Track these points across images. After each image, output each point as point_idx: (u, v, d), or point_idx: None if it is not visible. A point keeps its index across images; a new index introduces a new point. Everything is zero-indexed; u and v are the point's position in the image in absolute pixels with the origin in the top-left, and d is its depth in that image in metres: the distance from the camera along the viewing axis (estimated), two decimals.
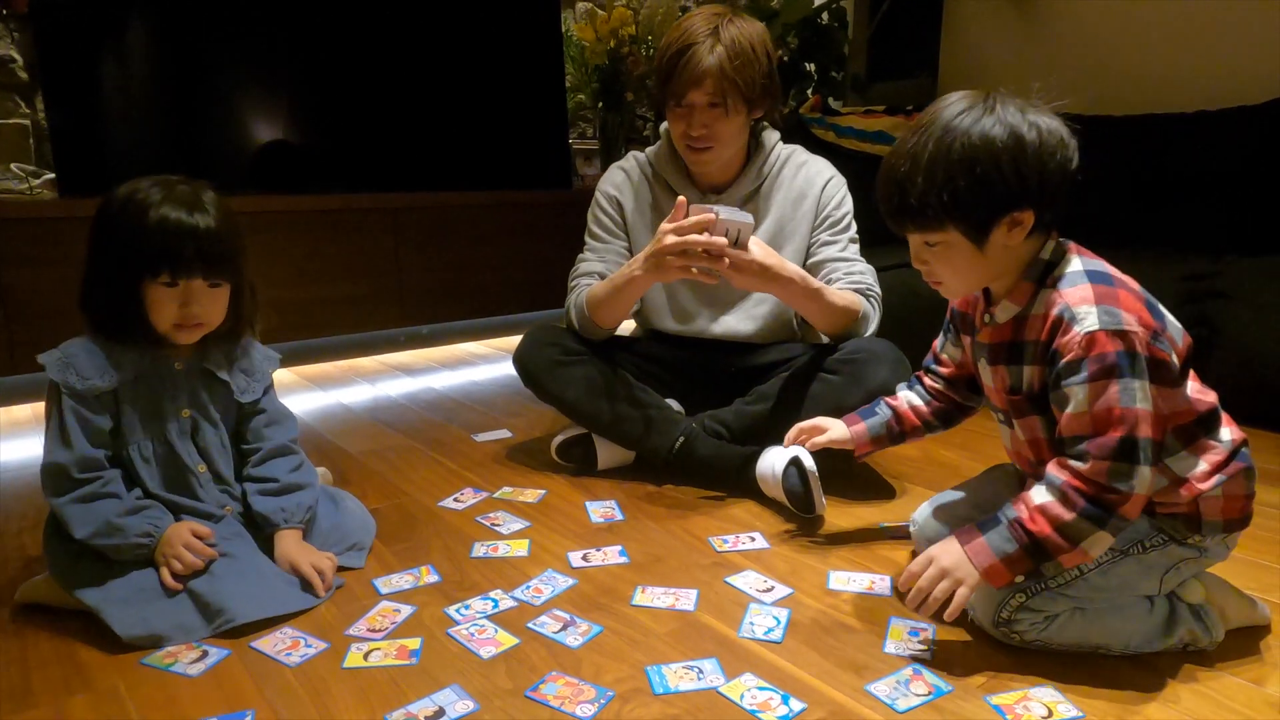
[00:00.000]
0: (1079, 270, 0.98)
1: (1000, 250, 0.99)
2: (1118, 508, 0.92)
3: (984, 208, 0.95)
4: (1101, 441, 0.92)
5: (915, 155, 0.96)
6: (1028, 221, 0.96)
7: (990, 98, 0.96)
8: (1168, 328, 0.98)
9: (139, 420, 1.19)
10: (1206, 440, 1.01)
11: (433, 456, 1.84)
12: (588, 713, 0.94)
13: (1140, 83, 2.77)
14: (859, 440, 1.31)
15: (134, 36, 2.57)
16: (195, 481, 1.23)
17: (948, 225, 0.97)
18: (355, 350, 2.92)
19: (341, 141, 2.94)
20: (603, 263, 1.72)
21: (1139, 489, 0.92)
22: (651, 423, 1.62)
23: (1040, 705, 0.94)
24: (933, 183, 0.95)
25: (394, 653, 1.07)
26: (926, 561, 1.00)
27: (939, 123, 0.96)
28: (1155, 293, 1.01)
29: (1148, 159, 2.52)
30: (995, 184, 0.93)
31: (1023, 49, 3.14)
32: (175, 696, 0.99)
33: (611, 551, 1.35)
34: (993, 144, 0.93)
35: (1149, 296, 0.99)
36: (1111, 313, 0.92)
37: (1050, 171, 0.94)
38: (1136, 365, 0.91)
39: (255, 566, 1.19)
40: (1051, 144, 0.94)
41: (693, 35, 1.55)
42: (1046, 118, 0.95)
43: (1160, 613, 1.04)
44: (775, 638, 1.09)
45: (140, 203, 1.12)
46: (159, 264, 1.12)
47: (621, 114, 3.40)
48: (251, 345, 1.32)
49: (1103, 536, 0.94)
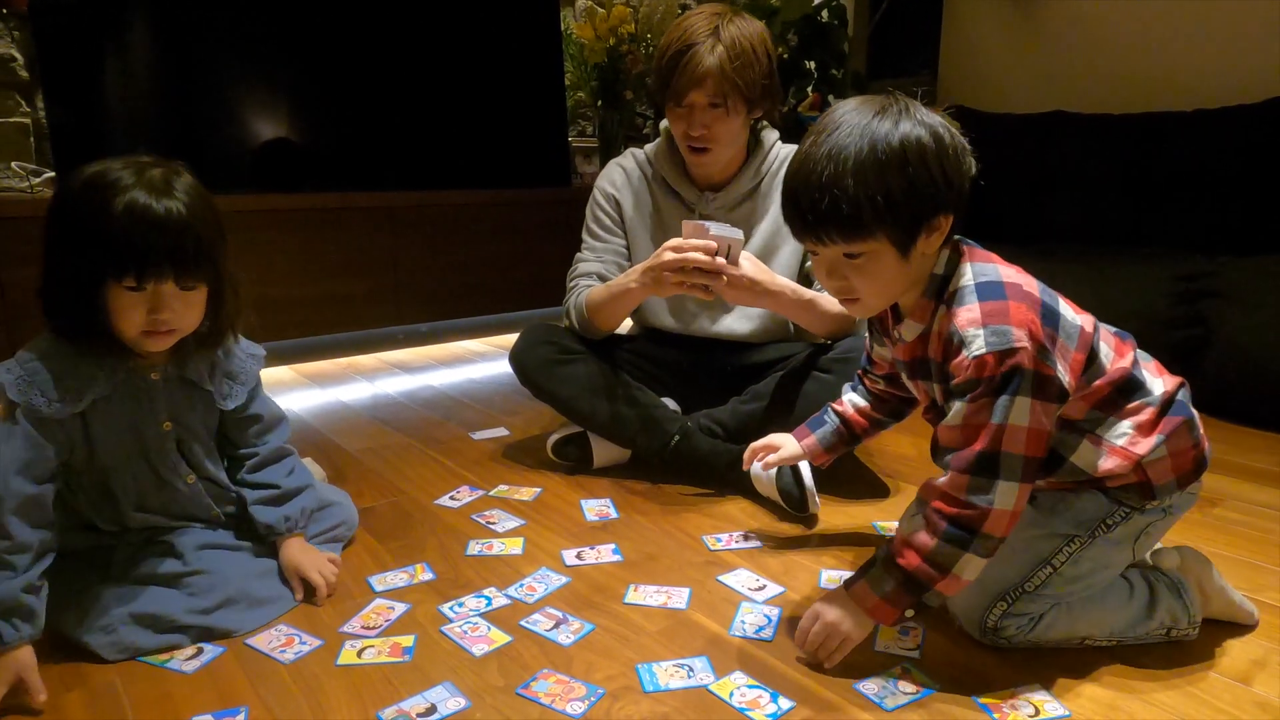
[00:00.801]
0: (970, 286, 0.95)
1: (919, 259, 0.96)
2: (978, 525, 0.91)
3: (914, 210, 0.92)
4: (962, 454, 0.92)
5: (838, 157, 0.91)
6: (945, 227, 0.95)
7: (898, 100, 0.94)
8: (1062, 329, 0.96)
9: (115, 440, 1.10)
10: (1131, 403, 1.00)
11: (430, 454, 1.85)
12: (578, 710, 0.95)
13: (1138, 81, 2.77)
14: (812, 453, 1.31)
15: (134, 35, 2.57)
16: (181, 496, 1.17)
17: (877, 231, 0.93)
18: (353, 348, 2.92)
19: (340, 140, 2.94)
20: (600, 263, 1.72)
21: (999, 504, 0.91)
22: (647, 421, 1.63)
23: (1028, 704, 0.95)
24: (864, 184, 0.90)
25: (387, 650, 1.08)
26: (813, 618, 1.01)
27: (851, 125, 0.91)
28: (1149, 292, 1.02)
29: (1145, 157, 2.52)
30: (926, 184, 0.91)
31: (1022, 46, 3.14)
32: (170, 693, 1.00)
33: (605, 550, 1.35)
34: (919, 144, 0.90)
35: (1045, 294, 0.97)
36: (999, 332, 0.90)
37: (964, 173, 0.94)
38: (1018, 382, 0.90)
39: (241, 580, 1.16)
40: (962, 146, 0.94)
41: (693, 35, 1.55)
42: (949, 122, 0.94)
43: (1140, 596, 1.05)
44: (766, 636, 1.10)
45: (103, 192, 0.98)
46: (123, 265, 0.98)
47: (621, 112, 3.40)
48: (233, 345, 1.21)
49: (971, 559, 0.93)
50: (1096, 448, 1.01)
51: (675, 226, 1.70)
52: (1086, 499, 1.03)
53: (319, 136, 2.91)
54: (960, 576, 0.94)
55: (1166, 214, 2.43)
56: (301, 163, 2.86)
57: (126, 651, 1.05)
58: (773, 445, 1.34)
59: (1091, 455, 1.01)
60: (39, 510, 1.01)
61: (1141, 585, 1.06)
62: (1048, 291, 0.98)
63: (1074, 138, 2.70)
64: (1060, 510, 1.04)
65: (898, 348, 1.08)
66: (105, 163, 1.02)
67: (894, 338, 1.08)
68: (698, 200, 1.70)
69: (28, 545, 0.99)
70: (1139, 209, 2.50)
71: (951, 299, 0.96)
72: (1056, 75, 3.02)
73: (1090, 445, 1.01)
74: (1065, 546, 1.02)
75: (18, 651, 0.96)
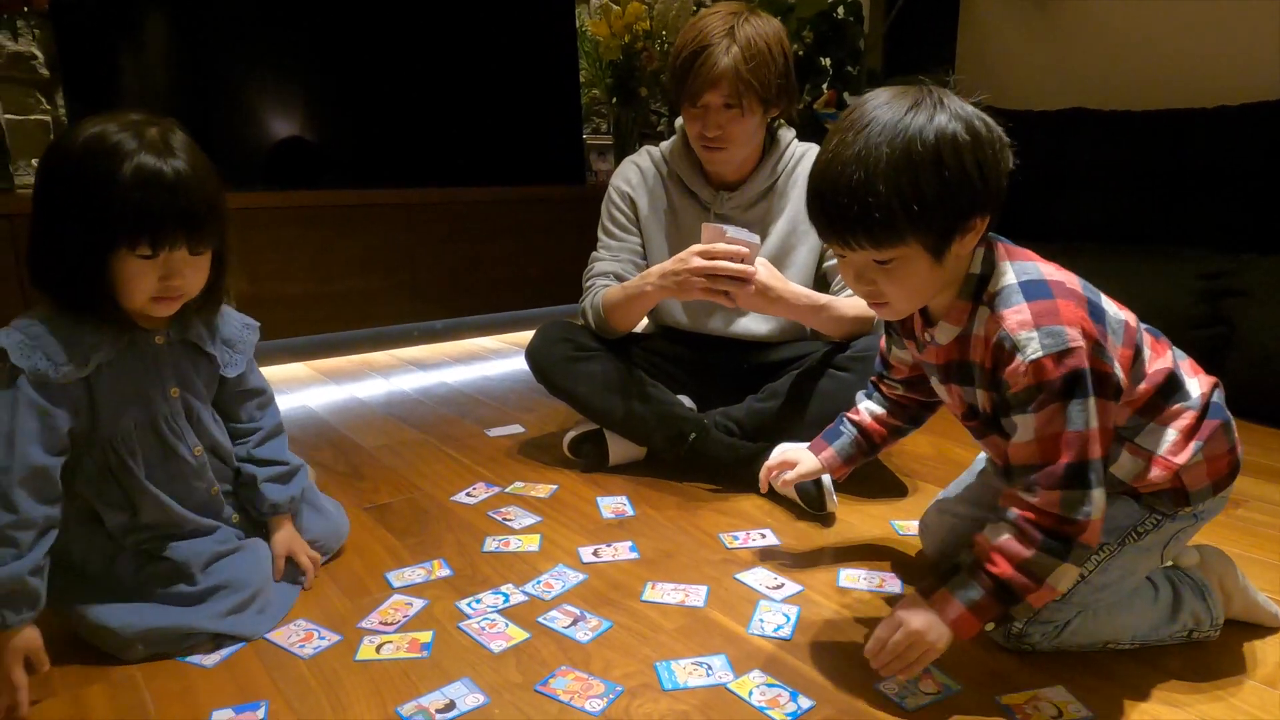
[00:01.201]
0: (1013, 285, 0.90)
1: (954, 262, 0.91)
2: (1077, 537, 0.88)
3: (950, 213, 0.86)
4: (1050, 471, 0.88)
5: (868, 159, 0.85)
6: (982, 227, 0.89)
7: (931, 90, 0.87)
8: (1108, 325, 0.92)
9: (122, 407, 1.04)
10: (1172, 406, 0.97)
11: (445, 451, 1.85)
12: (597, 708, 0.95)
13: (1159, 77, 2.74)
14: (831, 466, 1.26)
15: (153, 33, 2.59)
16: (188, 468, 1.11)
17: (909, 237, 0.87)
18: (368, 344, 2.93)
19: (356, 137, 2.95)
20: (617, 262, 1.72)
21: (1095, 514, 0.88)
22: (663, 419, 1.62)
23: (1050, 705, 0.94)
24: (897, 189, 0.84)
25: (405, 646, 1.08)
26: (895, 626, 0.93)
27: (883, 121, 0.85)
28: (1172, 291, 1.00)
29: (1166, 154, 2.49)
30: (963, 185, 0.85)
31: (1040, 43, 3.11)
32: (190, 686, 1.00)
33: (622, 547, 1.35)
34: (954, 140, 0.84)
35: (1088, 290, 0.93)
36: (1054, 333, 0.86)
37: (1003, 170, 0.88)
38: (1082, 384, 0.86)
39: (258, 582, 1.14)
40: (1000, 139, 0.88)
41: (708, 36, 1.54)
42: (984, 114, 0.88)
43: (1165, 598, 1.04)
44: (785, 635, 1.09)
45: (107, 157, 0.93)
46: (137, 234, 0.95)
47: (635, 109, 3.40)
48: (229, 313, 1.18)
49: (1067, 569, 0.89)
50: (1136, 458, 0.98)
51: (690, 225, 1.69)
52: (1118, 506, 0.99)
53: (337, 134, 2.92)
54: (1055, 587, 0.89)
55: (1188, 211, 2.41)
56: (318, 160, 2.87)
57: (143, 658, 1.05)
58: (789, 461, 1.28)
59: (1131, 465, 0.98)
60: (47, 483, 0.97)
61: (1165, 587, 1.05)
62: (1089, 288, 0.95)
63: (1094, 135, 2.68)
64: None
65: (927, 351, 1.03)
66: (98, 123, 0.96)
67: (922, 341, 1.03)
68: (713, 199, 1.70)
69: (33, 521, 0.95)
70: (1160, 206, 2.47)
71: (993, 300, 0.91)
72: (1075, 71, 2.99)
73: (1130, 455, 0.98)
74: (1095, 555, 0.99)
75: (24, 631, 0.95)
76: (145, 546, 1.09)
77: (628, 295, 1.59)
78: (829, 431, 1.28)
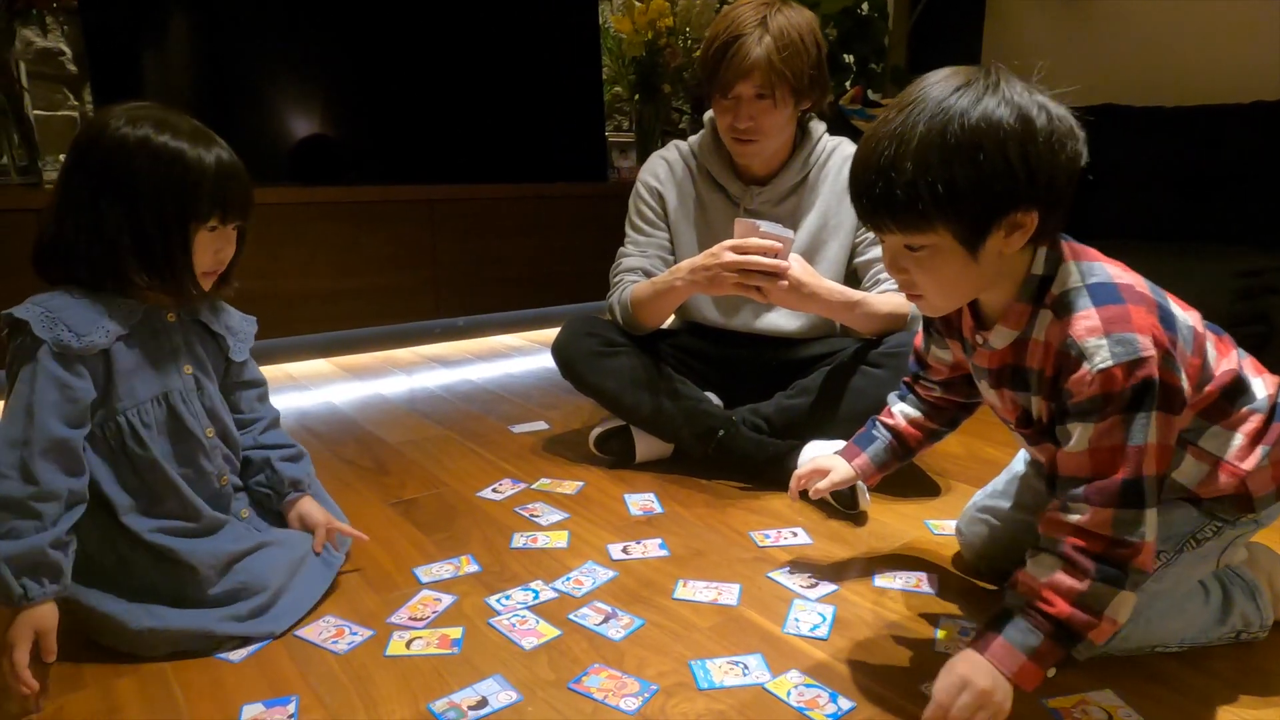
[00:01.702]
0: (1080, 288, 0.85)
1: (994, 259, 0.84)
2: (1132, 561, 0.81)
3: (984, 204, 0.80)
4: (1102, 486, 0.81)
5: (903, 137, 0.80)
6: (1030, 225, 0.82)
7: (991, 72, 0.82)
8: (1179, 332, 0.87)
9: (138, 381, 1.05)
10: (1239, 410, 0.92)
11: (470, 447, 1.84)
12: (632, 706, 0.93)
13: (1193, 73, 2.69)
14: (865, 473, 1.20)
15: (180, 30, 2.60)
16: (201, 450, 1.11)
17: (938, 224, 0.82)
18: (391, 342, 2.93)
19: (380, 133, 2.95)
20: (645, 258, 1.70)
21: (1149, 536, 0.81)
22: (691, 416, 1.60)
23: (1099, 710, 0.91)
24: (925, 170, 0.79)
25: (436, 642, 1.06)
26: (957, 686, 0.82)
27: (930, 99, 0.80)
28: (1210, 289, 0.97)
29: (1203, 151, 2.45)
30: (1000, 176, 0.79)
31: (1069, 39, 3.07)
32: (220, 680, 0.99)
33: (651, 544, 1.33)
34: (998, 127, 0.78)
35: (1158, 295, 0.88)
36: (1126, 341, 0.80)
37: (1061, 165, 0.80)
38: (1150, 396, 0.80)
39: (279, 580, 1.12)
40: (1063, 131, 0.80)
41: (740, 26, 1.52)
42: (1054, 102, 0.82)
43: (1215, 600, 1.01)
44: (821, 634, 1.07)
45: (165, 144, 1.01)
46: (211, 208, 1.04)
47: (658, 106, 3.38)
48: (228, 307, 1.22)
49: (1126, 597, 0.82)
50: (1200, 463, 0.93)
51: (720, 220, 1.67)
52: (1176, 513, 0.95)
53: (361, 130, 2.92)
54: (1116, 619, 0.82)
55: (1224, 209, 2.36)
56: (341, 156, 2.87)
57: (165, 655, 1.03)
58: (821, 469, 1.21)
59: (1195, 471, 0.94)
60: (69, 456, 0.96)
61: (1215, 588, 1.01)
62: (1157, 290, 0.89)
63: (1125, 132, 2.64)
64: None
65: (978, 354, 0.98)
66: (131, 121, 1.01)
67: (973, 343, 0.98)
68: (743, 194, 1.67)
69: (57, 493, 0.94)
70: (1195, 204, 2.43)
71: (1058, 304, 0.85)
72: (1105, 68, 2.95)
73: (1194, 460, 0.93)
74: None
75: (42, 608, 0.93)
76: (159, 543, 1.04)
77: (657, 291, 1.57)
78: (861, 436, 1.22)
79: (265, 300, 2.57)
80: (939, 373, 1.13)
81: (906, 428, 1.18)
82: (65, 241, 1.01)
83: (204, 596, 1.06)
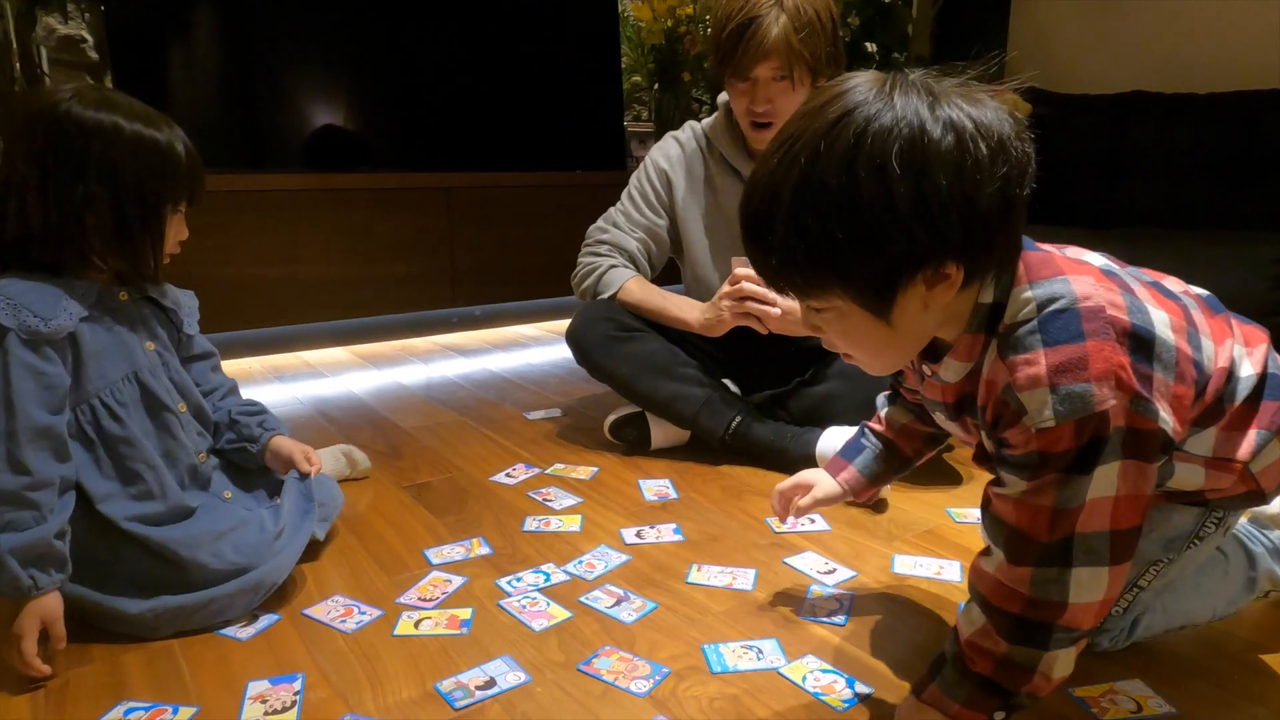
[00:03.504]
0: (1033, 322, 0.69)
1: (918, 316, 0.70)
2: (1056, 621, 0.70)
3: (878, 268, 0.66)
4: (1020, 538, 0.70)
5: (776, 188, 0.67)
6: (956, 276, 0.67)
7: (897, 81, 0.66)
8: (1158, 357, 0.70)
9: (107, 361, 1.04)
10: (1229, 405, 0.80)
11: (484, 433, 1.82)
12: (643, 688, 0.91)
13: (1224, 58, 2.62)
14: (854, 487, 1.06)
15: (200, 17, 2.61)
16: (177, 424, 1.10)
17: (831, 289, 0.69)
18: (408, 331, 2.92)
19: (398, 120, 2.95)
20: (634, 239, 1.70)
21: (1076, 597, 0.69)
22: (707, 402, 1.58)
23: (1128, 699, 0.87)
24: (800, 234, 0.65)
25: (445, 622, 1.05)
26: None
27: (809, 131, 0.66)
28: (1245, 277, 0.87)
29: (1236, 137, 2.38)
30: (892, 236, 0.64)
31: (1098, 24, 3.00)
32: (226, 656, 0.98)
33: (666, 529, 1.31)
34: (883, 170, 0.62)
35: (1128, 301, 0.71)
36: (1075, 397, 0.66)
37: (982, 204, 0.64)
38: (1102, 451, 0.67)
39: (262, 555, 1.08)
40: (984, 157, 0.63)
41: (755, 6, 1.49)
42: (978, 110, 0.65)
43: (1238, 569, 0.96)
44: (839, 620, 1.04)
45: (137, 129, 1.01)
46: (184, 192, 1.07)
47: (677, 95, 3.35)
48: (167, 285, 1.19)
49: (1058, 656, 0.72)
50: (1188, 464, 0.82)
51: (732, 205, 1.65)
52: (1178, 518, 0.89)
53: (378, 117, 2.92)
54: (1051, 676, 0.73)
55: (1260, 196, 2.30)
56: (359, 143, 2.87)
57: (170, 634, 1.02)
58: (803, 484, 1.08)
59: (1188, 475, 0.83)
60: (56, 442, 0.95)
61: (1238, 555, 0.97)
62: (1129, 291, 0.73)
63: (1156, 118, 2.57)
64: (1146, 534, 0.83)
65: (928, 384, 0.85)
66: (93, 104, 1.00)
67: (921, 373, 0.85)
68: None
69: (50, 480, 0.93)
70: (1229, 191, 2.36)
71: (1004, 342, 0.71)
72: (1135, 54, 2.88)
73: (1183, 465, 0.82)
74: (1151, 568, 0.91)
75: (47, 597, 0.93)
76: (136, 532, 1.02)
77: (661, 311, 1.61)
78: (849, 446, 1.08)
79: (282, 286, 2.58)
80: (912, 379, 0.96)
81: (897, 435, 1.05)
82: (15, 223, 0.98)
83: (193, 580, 1.03)
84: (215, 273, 2.37)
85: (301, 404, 2.07)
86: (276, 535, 1.11)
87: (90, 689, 0.93)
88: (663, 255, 1.76)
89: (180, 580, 1.03)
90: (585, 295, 1.69)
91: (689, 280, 1.76)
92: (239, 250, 2.45)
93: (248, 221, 2.45)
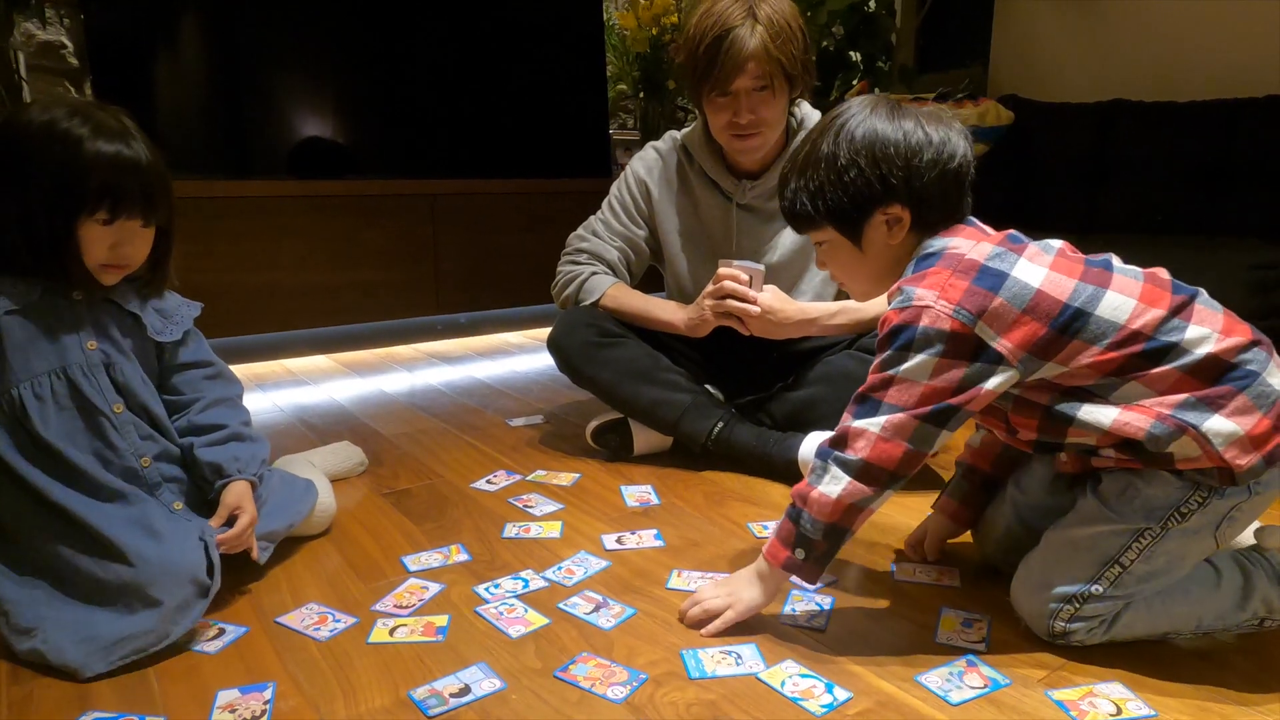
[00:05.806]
0: (913, 261, 0.99)
1: (882, 249, 1.01)
2: (849, 446, 0.95)
3: (851, 205, 0.99)
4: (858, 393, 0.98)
5: (794, 158, 1.04)
6: (905, 219, 0.99)
7: (877, 102, 1.00)
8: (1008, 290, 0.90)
9: (32, 353, 1.04)
10: (1161, 367, 0.88)
11: (466, 440, 1.81)
12: (620, 695, 0.90)
13: (1205, 67, 2.65)
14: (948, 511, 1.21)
15: (182, 24, 2.59)
16: (110, 425, 1.07)
17: (824, 224, 1.02)
18: (392, 338, 2.91)
19: (382, 128, 2.94)
20: (611, 246, 1.70)
21: (874, 431, 0.94)
22: (689, 408, 1.57)
23: (1108, 702, 0.87)
24: (804, 184, 1.02)
25: (420, 629, 1.03)
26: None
27: (822, 125, 1.02)
28: (1225, 283, 0.95)
29: (1215, 145, 2.41)
30: (858, 182, 0.98)
31: (1079, 33, 3.03)
32: (196, 667, 0.97)
33: (647, 535, 1.30)
34: (853, 143, 0.98)
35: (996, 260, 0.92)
36: (905, 293, 0.94)
37: (917, 169, 0.97)
38: (915, 340, 0.91)
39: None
40: (914, 142, 0.97)
41: (728, 19, 1.48)
42: (924, 122, 0.97)
43: (1231, 584, 0.96)
44: (819, 625, 1.04)
45: (67, 132, 1.00)
46: (99, 200, 1.02)
47: (662, 103, 3.36)
48: (169, 294, 1.20)
49: (829, 470, 0.96)
50: (1098, 405, 0.91)
51: (712, 216, 1.67)
52: (1156, 485, 0.92)
53: (362, 124, 2.91)
54: (815, 488, 0.96)
55: (1238, 203, 2.32)
56: (344, 149, 2.86)
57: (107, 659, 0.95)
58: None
59: (1098, 414, 0.91)
60: None
61: (1232, 571, 0.97)
62: (1015, 251, 0.94)
63: (1135, 126, 2.60)
64: (1127, 499, 0.93)
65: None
66: (48, 109, 1.02)
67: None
68: (735, 189, 1.64)
69: None
70: (1208, 198, 2.39)
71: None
72: (1115, 63, 2.91)
73: (1090, 405, 0.92)
74: (1134, 542, 0.92)
75: None
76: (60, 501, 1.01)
77: (646, 315, 1.62)
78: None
79: (265, 293, 2.56)
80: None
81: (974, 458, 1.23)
82: None
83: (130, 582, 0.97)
84: (196, 280, 2.33)
85: (282, 411, 2.05)
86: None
87: (54, 702, 0.91)
88: (642, 264, 1.76)
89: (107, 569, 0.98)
90: (566, 303, 1.69)
91: (672, 289, 1.75)
92: (221, 257, 2.43)
93: (230, 228, 2.43)
